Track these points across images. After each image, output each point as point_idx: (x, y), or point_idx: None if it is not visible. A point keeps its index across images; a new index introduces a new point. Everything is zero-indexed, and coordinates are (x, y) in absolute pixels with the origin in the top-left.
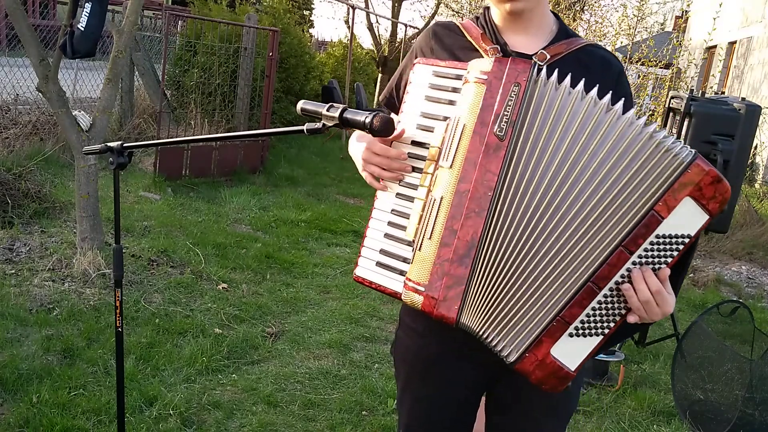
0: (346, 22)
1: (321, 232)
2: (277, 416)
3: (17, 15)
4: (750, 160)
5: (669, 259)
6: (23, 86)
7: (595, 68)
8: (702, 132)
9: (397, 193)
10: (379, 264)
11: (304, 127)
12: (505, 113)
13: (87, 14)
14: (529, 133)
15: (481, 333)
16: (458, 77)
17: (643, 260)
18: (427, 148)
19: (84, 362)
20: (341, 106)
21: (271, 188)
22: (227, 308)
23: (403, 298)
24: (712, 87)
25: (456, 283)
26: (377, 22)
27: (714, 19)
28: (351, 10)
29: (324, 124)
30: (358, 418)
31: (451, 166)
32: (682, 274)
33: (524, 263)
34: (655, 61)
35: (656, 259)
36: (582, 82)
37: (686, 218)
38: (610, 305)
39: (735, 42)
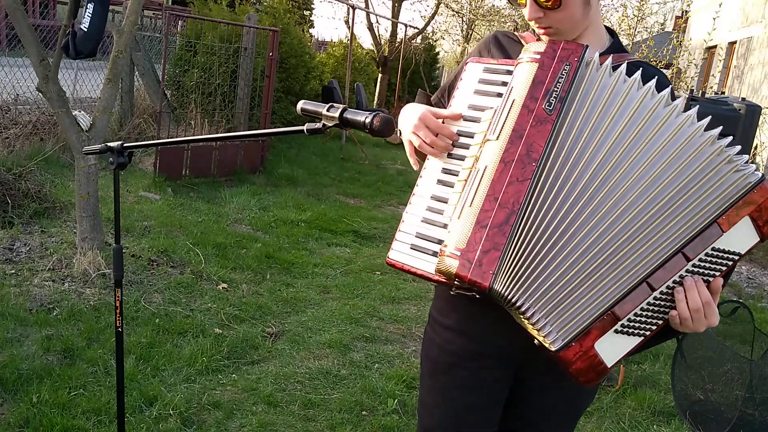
0: (346, 22)
1: (321, 232)
2: (277, 416)
3: (17, 15)
4: (750, 160)
5: (717, 273)
6: (23, 86)
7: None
8: None
9: (438, 180)
10: (413, 247)
11: (304, 127)
12: (555, 89)
13: (89, 14)
14: (579, 111)
15: (516, 302)
16: (509, 72)
17: (696, 270)
18: (472, 137)
19: (84, 362)
20: (341, 106)
21: (271, 188)
22: (227, 308)
23: (437, 266)
24: (712, 87)
25: (493, 248)
26: (377, 22)
27: (714, 19)
28: (351, 10)
29: (324, 124)
30: (358, 418)
31: (497, 138)
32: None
33: (567, 238)
34: (655, 61)
35: (707, 271)
36: (639, 72)
37: (741, 236)
38: (657, 308)
39: (735, 42)
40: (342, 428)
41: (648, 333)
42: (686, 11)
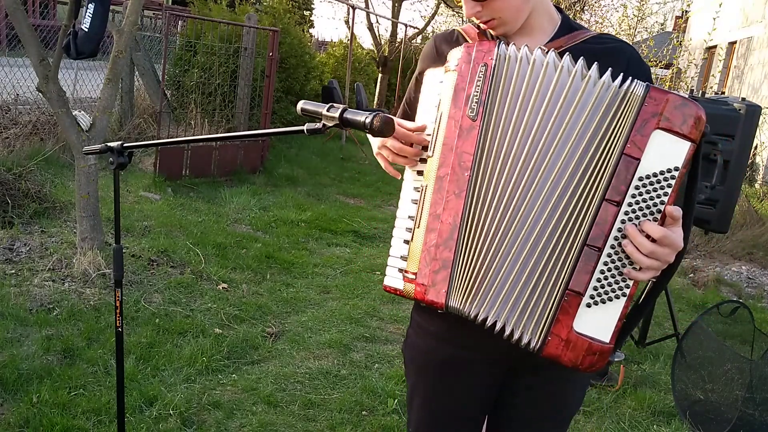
0: (346, 22)
1: (321, 232)
2: (277, 416)
3: (17, 15)
4: (750, 160)
5: (665, 198)
6: (23, 86)
7: (602, 58)
8: None
9: (412, 199)
10: (401, 270)
11: (304, 128)
12: (475, 93)
13: (90, 15)
14: (501, 109)
15: (476, 316)
16: None
17: (636, 207)
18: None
19: (84, 362)
20: (341, 106)
21: (271, 188)
22: (227, 308)
23: (403, 291)
24: (712, 87)
25: (442, 267)
26: (377, 22)
27: (714, 19)
28: (351, 10)
29: (324, 125)
30: (358, 418)
31: (432, 154)
32: (689, 211)
33: (509, 237)
34: (655, 61)
35: (650, 201)
36: (552, 52)
37: (665, 151)
38: (620, 263)
39: (735, 42)
40: (342, 428)
41: (628, 291)
42: (686, 11)
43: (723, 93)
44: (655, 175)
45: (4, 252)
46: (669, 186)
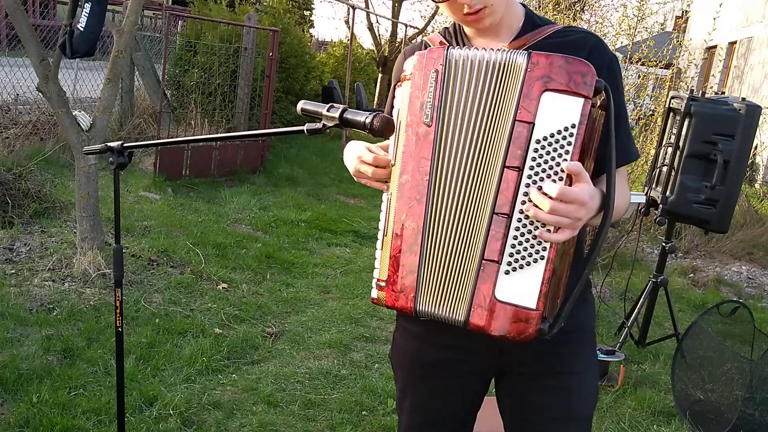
0: (346, 22)
1: (321, 232)
2: (277, 416)
3: (17, 15)
4: (750, 160)
5: (567, 156)
6: (23, 86)
7: (564, 51)
8: (702, 132)
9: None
10: (375, 279)
11: (305, 128)
12: (428, 100)
13: (86, 14)
14: (451, 111)
15: (437, 314)
16: None
17: (540, 170)
18: None
19: (84, 362)
20: (341, 106)
21: (271, 188)
22: (227, 308)
23: (377, 299)
24: (712, 87)
25: (409, 272)
26: (377, 22)
27: (714, 19)
28: (351, 10)
29: (324, 125)
30: (358, 418)
31: (395, 163)
32: (608, 166)
33: (460, 233)
34: (655, 61)
35: (552, 162)
36: (486, 50)
37: (558, 111)
38: (532, 227)
39: (735, 42)
40: (342, 428)
41: (546, 254)
42: (686, 11)
43: (723, 93)
44: (552, 135)
45: (4, 252)
46: (569, 144)
